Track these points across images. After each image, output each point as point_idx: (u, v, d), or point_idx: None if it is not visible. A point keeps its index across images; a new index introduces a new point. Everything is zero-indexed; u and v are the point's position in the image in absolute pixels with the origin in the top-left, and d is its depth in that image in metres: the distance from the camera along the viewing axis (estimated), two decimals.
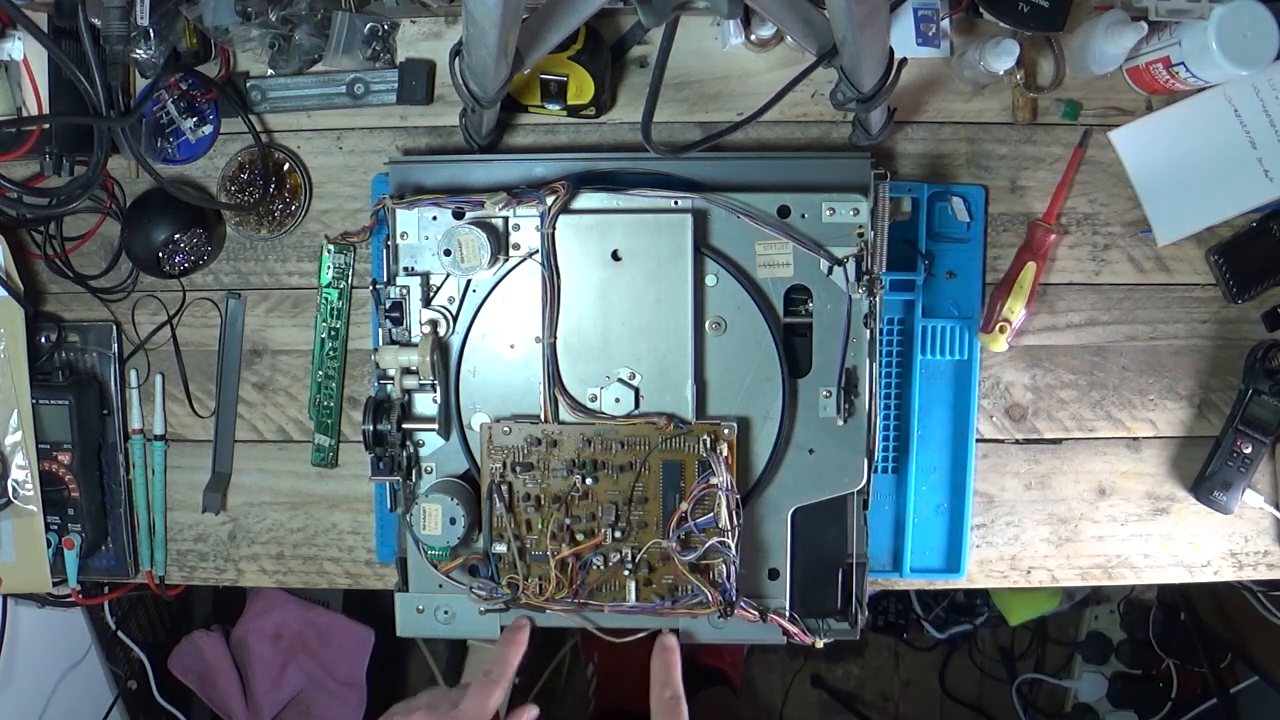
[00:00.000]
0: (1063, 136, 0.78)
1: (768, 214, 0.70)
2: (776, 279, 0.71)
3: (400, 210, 0.71)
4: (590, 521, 0.70)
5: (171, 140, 0.80)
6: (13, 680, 0.95)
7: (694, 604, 0.70)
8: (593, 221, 0.70)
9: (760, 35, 0.76)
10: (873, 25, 0.57)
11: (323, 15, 0.76)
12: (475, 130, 0.74)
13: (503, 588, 0.70)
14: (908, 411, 0.78)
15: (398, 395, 0.71)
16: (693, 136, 0.78)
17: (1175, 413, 0.81)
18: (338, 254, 0.80)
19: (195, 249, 0.79)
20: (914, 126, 0.79)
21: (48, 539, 0.79)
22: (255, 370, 0.82)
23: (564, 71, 0.73)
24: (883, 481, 0.79)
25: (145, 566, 0.83)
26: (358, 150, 0.80)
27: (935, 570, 0.81)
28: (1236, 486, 0.78)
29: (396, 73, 0.78)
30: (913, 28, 0.75)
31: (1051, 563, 0.81)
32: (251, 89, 0.79)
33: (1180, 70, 0.72)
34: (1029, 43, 0.76)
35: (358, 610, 1.28)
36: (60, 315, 0.83)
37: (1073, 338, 0.80)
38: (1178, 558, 0.81)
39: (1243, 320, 0.80)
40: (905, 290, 0.77)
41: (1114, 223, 0.79)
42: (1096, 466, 0.81)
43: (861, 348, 0.71)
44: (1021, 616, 1.52)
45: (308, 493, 0.82)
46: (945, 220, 0.78)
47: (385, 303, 0.72)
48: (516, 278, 0.71)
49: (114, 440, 0.82)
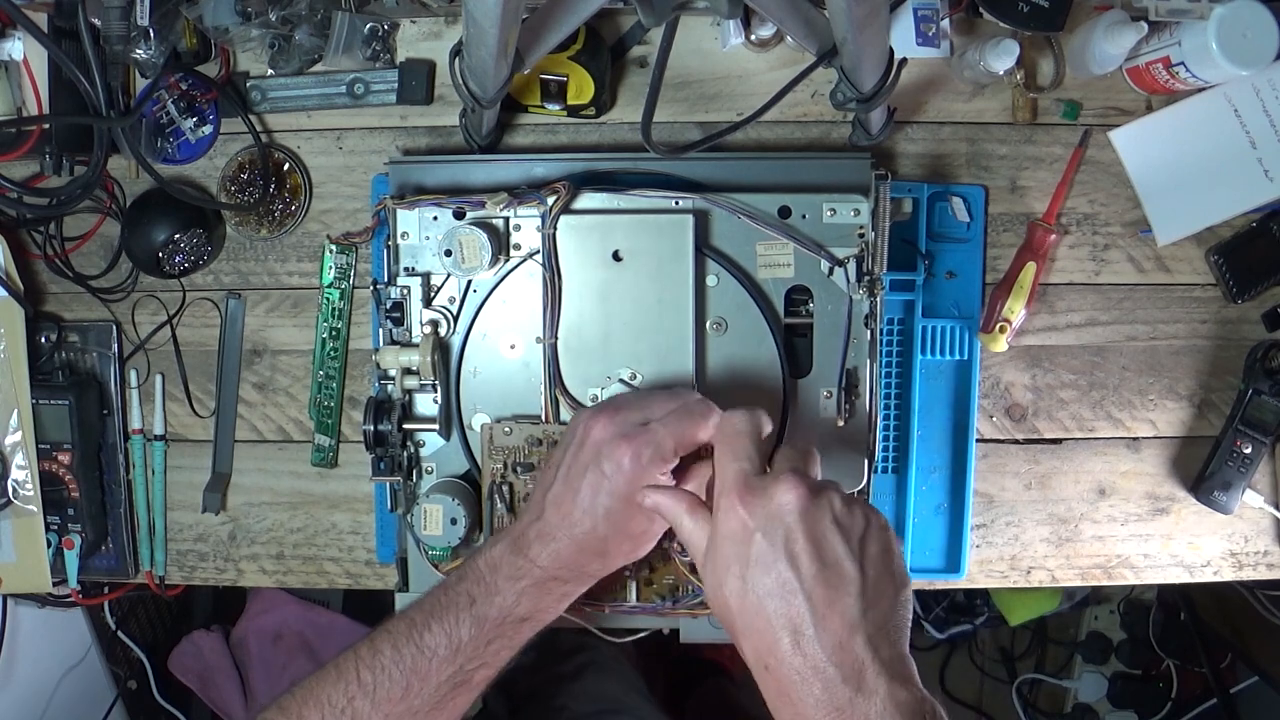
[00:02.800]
0: (1063, 136, 0.78)
1: (768, 214, 0.70)
2: (777, 279, 0.71)
3: (401, 210, 0.71)
4: None
5: (171, 140, 0.80)
6: (13, 680, 0.95)
7: (694, 604, 0.69)
8: (593, 222, 0.70)
9: (760, 35, 0.76)
10: (873, 25, 0.57)
11: (323, 15, 0.76)
12: (475, 130, 0.74)
13: None
14: (908, 411, 0.78)
15: (398, 395, 0.71)
16: (693, 136, 0.78)
17: (1175, 413, 0.81)
18: (339, 254, 0.80)
19: (195, 249, 0.79)
20: (914, 126, 0.79)
21: (48, 539, 0.79)
22: (255, 370, 0.82)
23: (564, 71, 0.73)
24: (883, 481, 0.79)
25: (145, 566, 0.83)
26: (358, 150, 0.80)
27: (935, 570, 0.81)
28: (1236, 486, 0.78)
29: (396, 73, 0.78)
30: (913, 28, 0.75)
31: (1051, 563, 0.81)
32: (251, 89, 0.79)
33: (1180, 70, 0.72)
34: (1029, 43, 0.76)
35: (358, 610, 1.28)
36: (60, 315, 0.83)
37: (1073, 338, 0.80)
38: (1178, 558, 0.81)
39: (1243, 320, 0.80)
40: (905, 290, 0.77)
41: (1114, 223, 0.79)
42: (1096, 466, 0.81)
43: (862, 348, 0.71)
44: (1021, 616, 1.52)
45: (308, 493, 0.82)
46: (945, 220, 0.78)
47: (386, 303, 0.72)
48: (517, 278, 0.71)
49: (114, 440, 0.82)
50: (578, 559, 0.60)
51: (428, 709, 0.58)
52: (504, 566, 0.60)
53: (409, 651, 0.57)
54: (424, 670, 0.57)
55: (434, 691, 0.57)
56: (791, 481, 0.51)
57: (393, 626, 0.59)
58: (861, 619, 0.49)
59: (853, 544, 0.51)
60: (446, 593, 0.60)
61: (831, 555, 0.50)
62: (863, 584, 0.50)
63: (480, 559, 0.61)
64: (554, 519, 0.59)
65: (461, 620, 0.58)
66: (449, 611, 0.59)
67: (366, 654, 0.58)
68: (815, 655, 0.48)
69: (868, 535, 0.52)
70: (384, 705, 0.56)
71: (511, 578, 0.59)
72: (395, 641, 0.58)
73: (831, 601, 0.49)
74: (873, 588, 0.50)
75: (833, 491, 0.53)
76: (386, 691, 0.56)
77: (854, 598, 0.49)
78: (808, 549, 0.50)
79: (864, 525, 0.52)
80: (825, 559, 0.50)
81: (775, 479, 0.52)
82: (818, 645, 0.48)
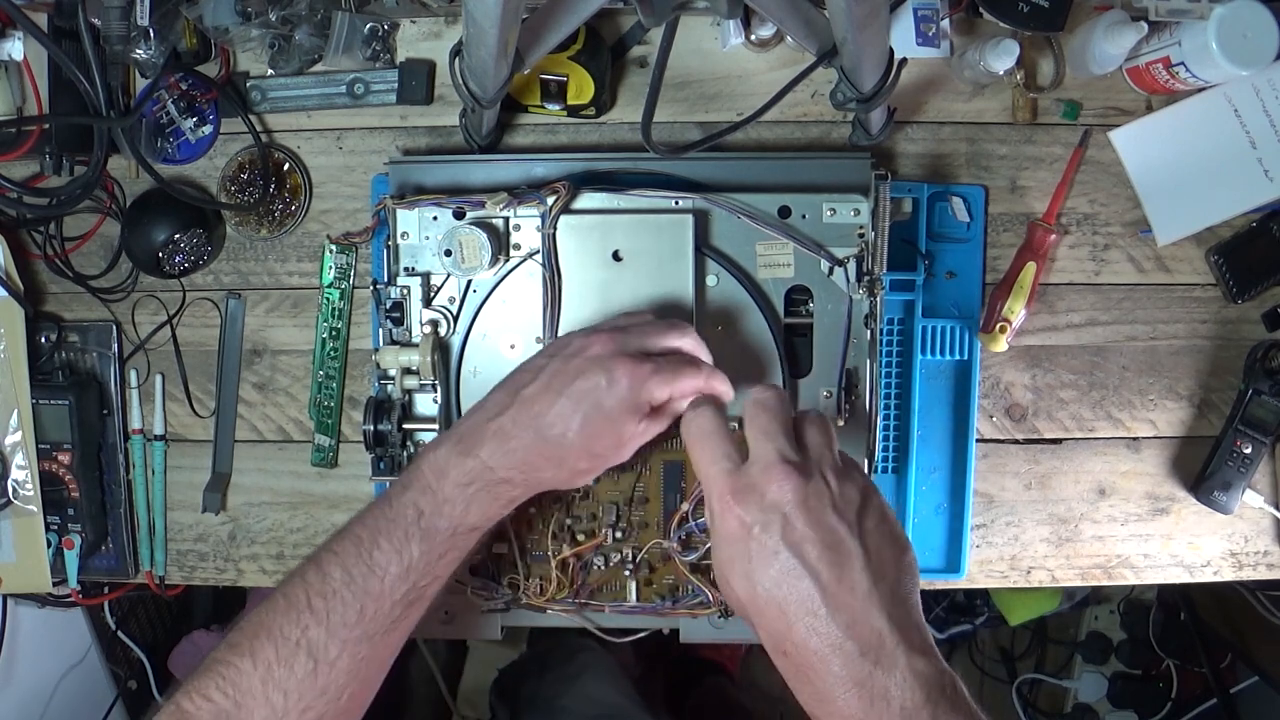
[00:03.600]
0: (1063, 136, 0.78)
1: (768, 214, 0.70)
2: (777, 279, 0.71)
3: (401, 210, 0.71)
4: (591, 522, 0.70)
5: (171, 140, 0.80)
6: (13, 680, 0.95)
7: (695, 604, 0.70)
8: (593, 222, 0.70)
9: (760, 35, 0.76)
10: (873, 25, 0.57)
11: (323, 15, 0.76)
12: (475, 130, 0.74)
13: (503, 588, 0.70)
14: (908, 411, 0.78)
15: (398, 395, 0.71)
16: (693, 136, 0.78)
17: (1175, 413, 0.81)
18: (340, 254, 0.80)
19: (195, 249, 0.79)
20: (914, 126, 0.79)
21: (48, 539, 0.79)
22: (255, 370, 0.82)
23: (564, 71, 0.73)
24: (883, 481, 0.79)
25: (145, 566, 0.83)
26: (358, 150, 0.80)
27: (935, 570, 0.81)
28: (1236, 486, 0.78)
29: (396, 73, 0.78)
30: (913, 28, 0.75)
31: (1051, 563, 0.81)
32: (251, 89, 0.79)
33: (1180, 70, 0.72)
34: (1029, 43, 0.76)
35: None
36: (60, 315, 0.83)
37: (1073, 338, 0.80)
38: (1178, 558, 0.81)
39: (1243, 320, 0.80)
40: (905, 290, 0.77)
41: (1114, 223, 0.79)
42: (1096, 466, 0.81)
43: (862, 348, 0.71)
44: (1021, 616, 1.52)
45: (308, 493, 0.82)
46: (945, 220, 0.78)
47: (386, 303, 0.72)
48: (517, 278, 0.72)
49: (114, 440, 0.82)
50: (534, 461, 0.58)
51: (383, 631, 0.56)
52: (451, 471, 0.58)
53: (359, 573, 0.55)
54: (377, 591, 0.56)
55: (389, 612, 0.56)
56: (780, 472, 0.51)
57: (339, 548, 0.57)
58: (873, 589, 0.49)
59: (850, 520, 0.50)
60: (391, 505, 0.58)
61: (832, 536, 0.50)
62: (867, 557, 0.49)
63: (424, 464, 0.59)
64: (521, 417, 0.58)
65: (411, 536, 0.56)
66: (396, 527, 0.57)
67: (315, 579, 0.56)
68: (831, 633, 0.48)
69: (864, 508, 0.52)
70: (340, 631, 0.55)
71: (460, 483, 0.58)
72: (344, 563, 0.56)
73: (840, 579, 0.49)
74: (877, 558, 0.50)
75: (824, 471, 0.52)
76: (341, 617, 0.55)
77: (861, 571, 0.49)
78: (808, 534, 0.49)
79: (859, 498, 0.52)
80: (826, 541, 0.49)
81: (764, 471, 0.51)
82: (833, 623, 0.48)
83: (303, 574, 0.57)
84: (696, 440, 0.56)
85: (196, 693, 0.53)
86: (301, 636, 0.54)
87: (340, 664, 0.55)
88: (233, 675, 0.54)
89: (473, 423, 0.59)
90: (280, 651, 0.54)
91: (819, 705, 0.49)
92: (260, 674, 0.54)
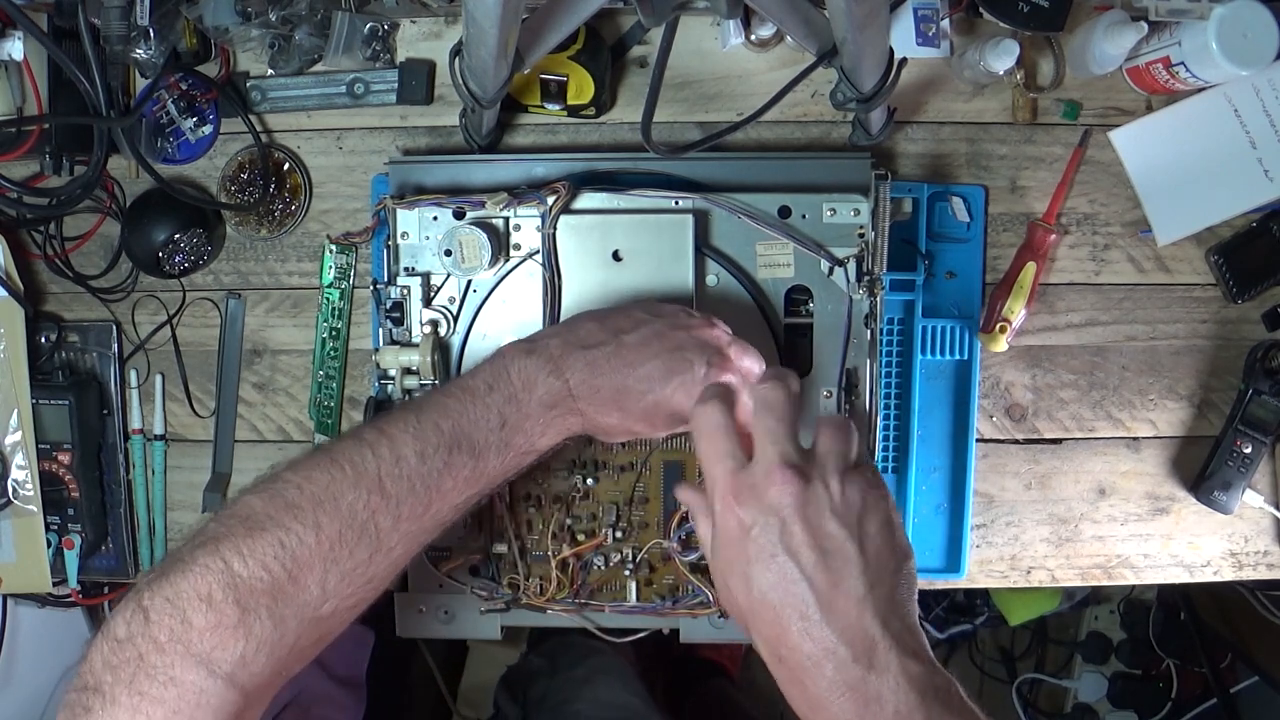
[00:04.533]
0: (1063, 136, 0.78)
1: (768, 214, 0.70)
2: (777, 279, 0.71)
3: (401, 210, 0.71)
4: (591, 522, 0.70)
5: (171, 140, 0.80)
6: (13, 680, 0.95)
7: (694, 604, 0.70)
8: (593, 222, 0.70)
9: (760, 35, 0.76)
10: (873, 25, 0.57)
11: (323, 15, 0.76)
12: (475, 130, 0.74)
13: (503, 588, 0.70)
14: (908, 411, 0.78)
15: (398, 395, 0.71)
16: (693, 136, 0.78)
17: (1175, 413, 0.81)
18: (339, 254, 0.80)
19: (195, 249, 0.79)
20: (914, 126, 0.79)
21: (48, 539, 0.79)
22: (255, 370, 0.82)
23: (564, 71, 0.73)
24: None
25: (145, 566, 0.83)
26: (358, 150, 0.80)
27: (935, 570, 0.81)
28: (1236, 486, 0.78)
29: (396, 73, 0.78)
30: (913, 28, 0.75)
31: (1051, 563, 0.81)
32: (251, 89, 0.79)
33: (1180, 70, 0.72)
34: (1029, 43, 0.76)
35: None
36: (60, 315, 0.83)
37: (1073, 338, 0.80)
38: (1178, 558, 0.81)
39: (1243, 320, 0.80)
40: (905, 290, 0.77)
41: (1114, 223, 0.79)
42: (1096, 466, 0.81)
43: (862, 348, 0.71)
44: (1021, 616, 1.52)
45: None
46: (945, 220, 0.78)
47: (386, 303, 0.72)
48: (517, 278, 0.72)
49: (114, 440, 0.82)
50: (608, 403, 0.57)
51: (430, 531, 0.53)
52: (539, 388, 0.55)
53: (435, 465, 0.51)
54: (446, 490, 0.52)
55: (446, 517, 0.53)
56: (780, 475, 0.50)
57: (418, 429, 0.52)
58: (868, 595, 0.48)
59: (850, 525, 0.50)
60: (475, 403, 0.54)
61: (830, 541, 0.49)
62: (864, 562, 0.49)
63: (512, 370, 0.55)
64: (618, 358, 0.56)
65: (490, 443, 0.53)
66: (479, 430, 0.53)
67: (388, 456, 0.51)
68: (825, 638, 0.48)
69: (866, 512, 0.51)
70: (403, 524, 0.51)
71: (545, 403, 0.55)
72: (422, 450, 0.52)
73: (835, 584, 0.48)
74: (875, 564, 0.49)
75: (826, 475, 0.51)
76: (410, 508, 0.51)
77: (857, 577, 0.49)
78: (805, 539, 0.49)
79: (861, 503, 0.51)
80: (824, 546, 0.49)
81: (767, 473, 0.51)
82: (826, 628, 0.48)
83: (372, 445, 0.52)
84: (704, 435, 0.55)
85: (251, 556, 0.48)
86: (370, 519, 0.50)
87: (394, 555, 0.52)
88: (293, 545, 0.49)
89: (562, 344, 0.56)
90: (345, 531, 0.50)
91: (813, 711, 0.49)
92: (323, 551, 0.49)
